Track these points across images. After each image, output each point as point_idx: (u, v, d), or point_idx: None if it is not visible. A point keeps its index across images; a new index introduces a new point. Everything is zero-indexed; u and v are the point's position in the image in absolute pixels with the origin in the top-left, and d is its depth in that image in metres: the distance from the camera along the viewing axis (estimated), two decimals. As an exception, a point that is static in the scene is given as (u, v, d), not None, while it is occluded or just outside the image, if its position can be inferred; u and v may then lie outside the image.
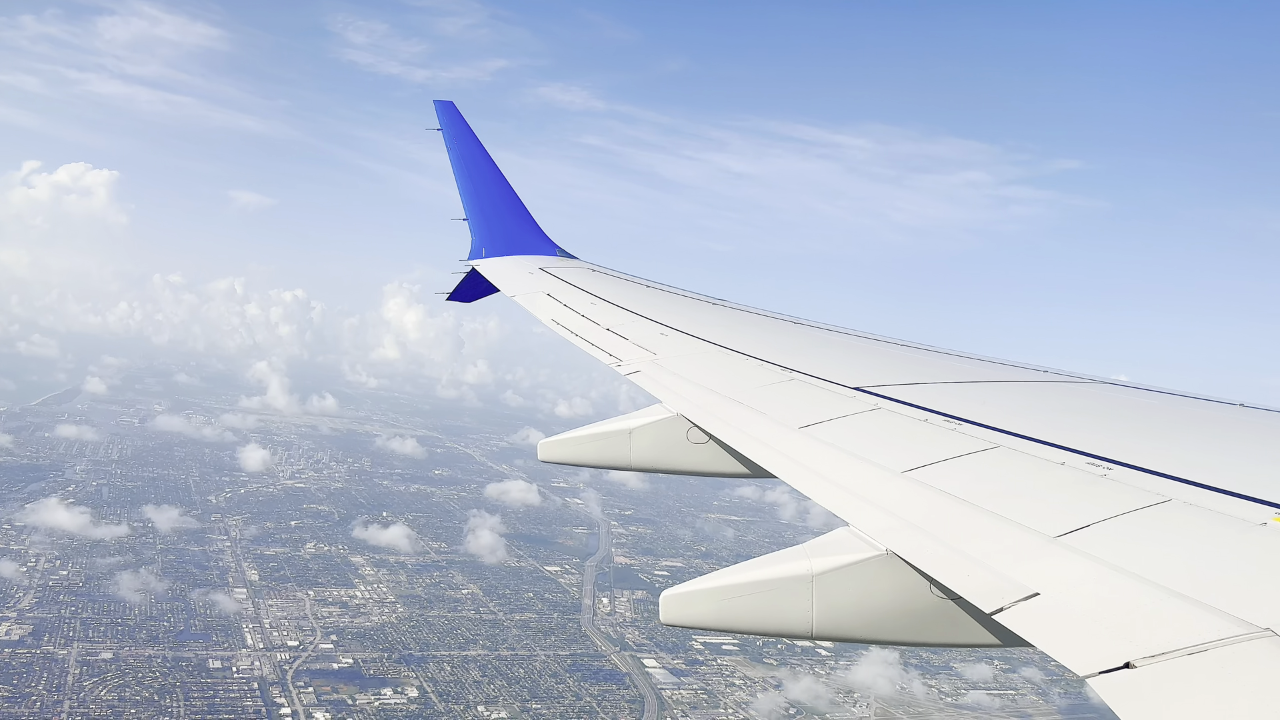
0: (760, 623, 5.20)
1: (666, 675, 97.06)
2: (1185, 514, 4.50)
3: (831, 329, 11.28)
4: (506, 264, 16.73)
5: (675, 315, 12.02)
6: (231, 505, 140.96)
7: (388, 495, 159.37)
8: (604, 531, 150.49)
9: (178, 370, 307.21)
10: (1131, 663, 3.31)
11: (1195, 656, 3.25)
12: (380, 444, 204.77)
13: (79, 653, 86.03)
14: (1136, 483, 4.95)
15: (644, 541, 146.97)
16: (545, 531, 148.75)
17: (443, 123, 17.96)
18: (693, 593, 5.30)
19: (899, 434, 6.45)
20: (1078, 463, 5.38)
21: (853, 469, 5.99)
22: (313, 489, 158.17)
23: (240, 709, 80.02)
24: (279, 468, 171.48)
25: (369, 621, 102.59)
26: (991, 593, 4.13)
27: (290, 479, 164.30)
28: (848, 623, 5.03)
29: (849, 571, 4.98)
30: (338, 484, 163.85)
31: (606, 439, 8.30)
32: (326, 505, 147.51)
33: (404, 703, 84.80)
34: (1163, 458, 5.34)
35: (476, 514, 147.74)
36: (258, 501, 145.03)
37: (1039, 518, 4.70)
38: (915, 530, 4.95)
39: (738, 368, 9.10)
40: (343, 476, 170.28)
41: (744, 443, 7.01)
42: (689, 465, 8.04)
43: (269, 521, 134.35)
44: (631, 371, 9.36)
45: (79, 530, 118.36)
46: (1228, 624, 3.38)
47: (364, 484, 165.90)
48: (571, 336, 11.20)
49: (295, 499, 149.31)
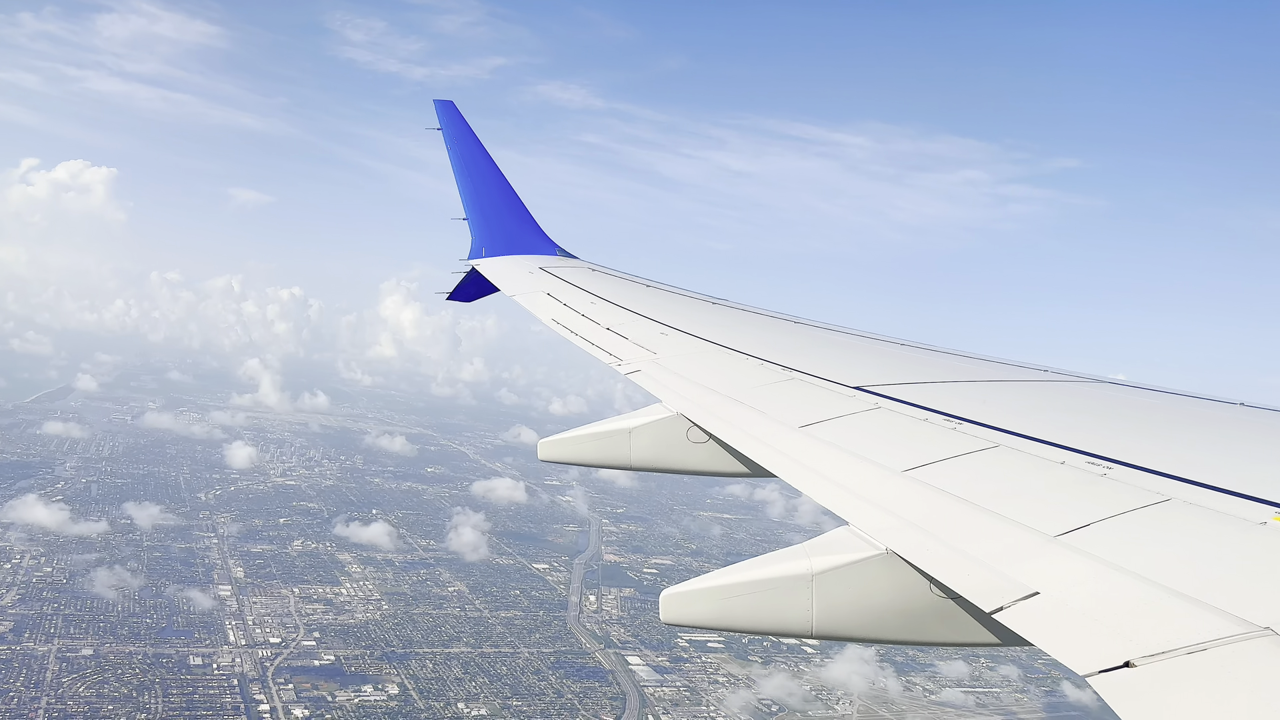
0: (760, 622, 5.20)
1: (650, 673, 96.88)
2: (1185, 513, 4.51)
3: (831, 328, 11.29)
4: (506, 263, 16.72)
5: (675, 315, 12.02)
6: (221, 502, 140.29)
7: (379, 493, 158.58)
8: (594, 529, 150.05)
9: (171, 368, 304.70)
10: (1131, 662, 3.32)
11: (1195, 656, 3.25)
12: (372, 441, 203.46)
13: (59, 649, 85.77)
14: (1136, 482, 4.96)
15: (634, 539, 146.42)
16: (535, 529, 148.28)
17: (443, 123, 17.97)
18: (692, 592, 5.30)
19: (899, 433, 6.46)
20: (1078, 462, 5.38)
21: (853, 468, 6.00)
22: (303, 486, 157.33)
23: (219, 705, 79.77)
24: (270, 465, 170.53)
25: (353, 619, 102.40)
26: (991, 592, 4.14)
27: (281, 476, 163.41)
28: (848, 622, 5.04)
29: (849, 571, 4.98)
30: (329, 481, 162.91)
31: (606, 438, 8.29)
32: (316, 503, 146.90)
33: (384, 699, 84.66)
34: (1163, 457, 5.35)
35: (466, 512, 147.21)
36: (247, 499, 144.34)
37: (1039, 517, 4.70)
38: (915, 529, 4.96)
39: (738, 367, 9.10)
40: (334, 474, 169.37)
41: (744, 442, 7.02)
42: (689, 465, 8.04)
43: (258, 519, 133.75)
44: (632, 371, 9.37)
45: (64, 527, 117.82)
46: (1227, 623, 3.39)
47: (355, 481, 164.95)
48: (572, 336, 11.20)
49: (285, 496, 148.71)
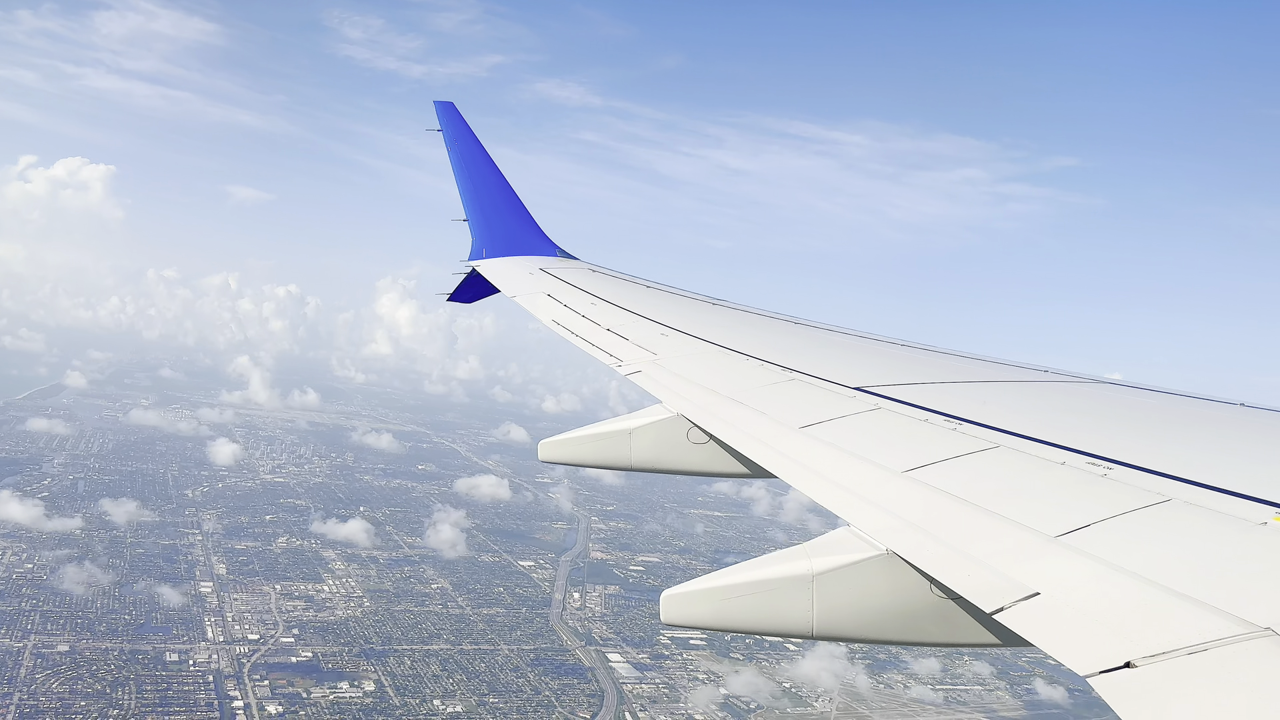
0: (760, 623, 5.20)
1: (630, 670, 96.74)
2: (1185, 513, 4.50)
3: (832, 329, 11.29)
4: (507, 264, 16.74)
5: (675, 315, 12.02)
6: (207, 499, 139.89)
7: (368, 490, 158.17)
8: (583, 526, 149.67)
9: (165, 365, 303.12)
10: (1132, 662, 3.31)
11: (1196, 656, 3.25)
12: (363, 439, 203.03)
13: (34, 645, 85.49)
14: (1137, 482, 4.95)
15: (622, 536, 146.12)
16: (523, 526, 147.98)
17: (443, 124, 17.99)
18: (692, 593, 5.29)
19: (899, 434, 6.46)
20: (1078, 462, 5.38)
21: (853, 469, 5.99)
22: (292, 484, 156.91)
23: (192, 702, 79.54)
24: (259, 462, 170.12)
25: (333, 616, 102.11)
26: (992, 592, 4.13)
27: (270, 474, 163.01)
28: (848, 623, 5.04)
29: (849, 571, 4.98)
30: (318, 479, 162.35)
31: (607, 439, 8.29)
32: (304, 500, 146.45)
33: (360, 696, 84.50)
34: (1163, 457, 5.34)
35: (453, 509, 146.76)
36: (234, 496, 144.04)
37: (1039, 517, 4.70)
38: (915, 530, 4.95)
39: (738, 368, 9.09)
40: (324, 471, 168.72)
41: (744, 443, 7.01)
42: (689, 465, 8.03)
43: (243, 515, 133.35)
44: (632, 372, 9.36)
45: (47, 524, 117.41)
46: (1228, 623, 3.38)
47: (345, 479, 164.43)
48: (572, 337, 11.20)
49: (273, 493, 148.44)
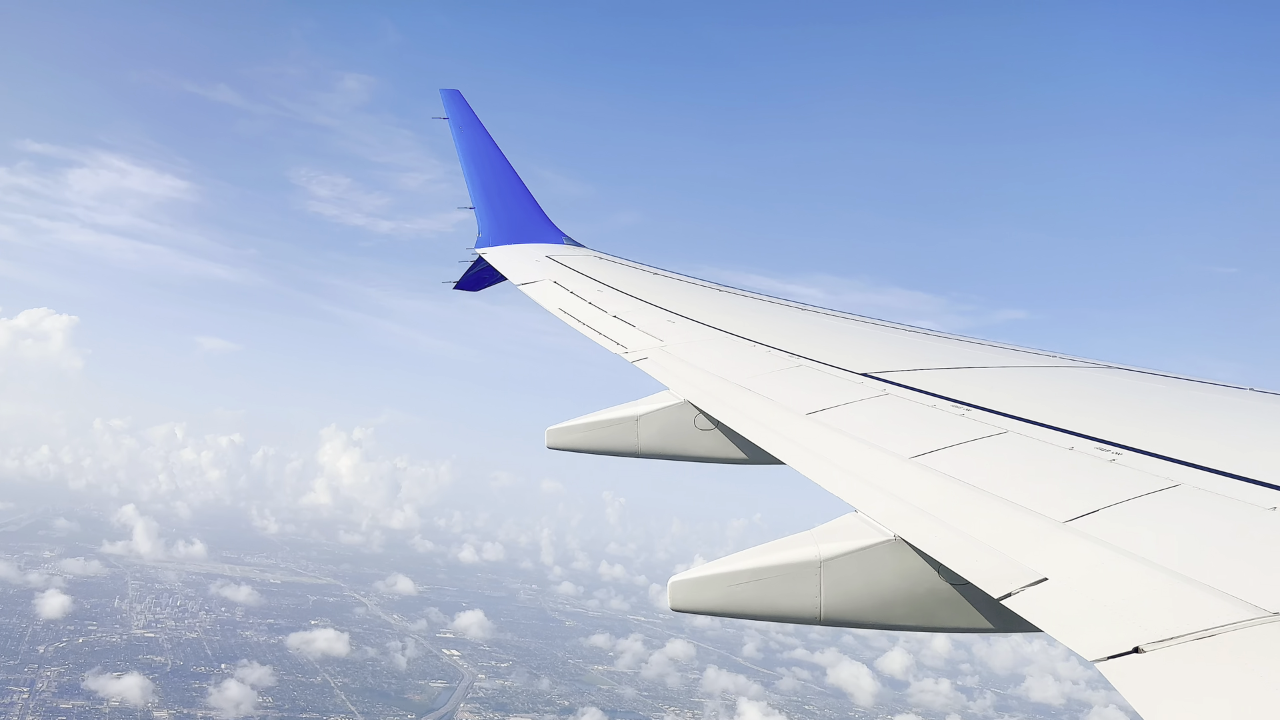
0: (768, 608, 5.20)
1: None
2: (1194, 498, 4.47)
3: (839, 315, 11.26)
4: (513, 252, 16.69)
5: (682, 302, 11.99)
6: (58, 655, 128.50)
7: (246, 646, 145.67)
8: (463, 685, 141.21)
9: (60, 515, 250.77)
10: (1140, 647, 3.30)
11: (1204, 641, 3.24)
12: (221, 590, 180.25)
13: None
14: (1146, 467, 4.92)
15: (503, 695, 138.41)
16: (395, 686, 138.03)
17: (449, 112, 17.93)
18: (700, 579, 5.30)
19: (907, 419, 6.43)
20: (1087, 447, 5.35)
21: (861, 454, 5.97)
22: (161, 639, 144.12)
23: None
24: (135, 616, 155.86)
25: None
26: (1000, 578, 4.12)
27: (143, 628, 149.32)
28: (856, 608, 5.04)
29: (857, 557, 4.98)
30: (193, 634, 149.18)
31: (614, 425, 8.28)
32: (164, 656, 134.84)
33: None
34: (1172, 442, 5.31)
35: (322, 665, 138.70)
36: (90, 652, 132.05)
37: (1047, 502, 4.68)
38: (923, 515, 4.94)
39: (745, 354, 9.07)
40: (202, 626, 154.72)
41: (751, 429, 7.00)
42: (696, 451, 8.04)
43: (90, 671, 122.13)
44: (639, 358, 9.35)
45: None
46: (1237, 608, 3.37)
47: (225, 634, 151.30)
48: (578, 324, 11.19)
49: (134, 649, 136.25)
